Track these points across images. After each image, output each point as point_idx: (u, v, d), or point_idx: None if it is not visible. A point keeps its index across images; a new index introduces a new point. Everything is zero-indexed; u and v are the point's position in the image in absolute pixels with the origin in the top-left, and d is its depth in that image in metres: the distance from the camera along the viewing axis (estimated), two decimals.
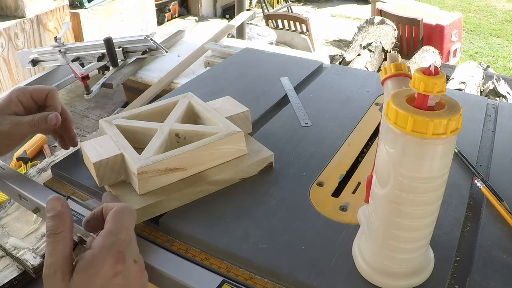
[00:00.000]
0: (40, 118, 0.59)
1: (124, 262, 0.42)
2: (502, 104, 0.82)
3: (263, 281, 0.47)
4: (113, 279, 0.41)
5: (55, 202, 0.43)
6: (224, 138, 0.58)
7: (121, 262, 0.41)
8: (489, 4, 6.12)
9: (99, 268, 0.41)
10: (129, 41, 2.07)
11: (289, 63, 0.99)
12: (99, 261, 0.41)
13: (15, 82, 2.51)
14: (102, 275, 0.41)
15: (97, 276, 0.40)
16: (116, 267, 0.41)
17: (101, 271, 0.41)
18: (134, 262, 0.43)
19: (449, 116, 0.35)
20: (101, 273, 0.41)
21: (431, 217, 0.41)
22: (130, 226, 0.44)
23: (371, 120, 0.75)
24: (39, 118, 0.59)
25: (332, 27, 5.11)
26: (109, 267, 0.41)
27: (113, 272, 0.41)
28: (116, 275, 0.41)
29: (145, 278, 0.45)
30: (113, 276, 0.41)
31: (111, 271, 0.41)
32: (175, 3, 4.78)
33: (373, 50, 2.62)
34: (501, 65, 4.27)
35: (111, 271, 0.41)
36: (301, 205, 0.55)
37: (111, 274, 0.41)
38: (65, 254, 0.41)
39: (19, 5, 2.56)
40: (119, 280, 0.41)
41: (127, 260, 0.42)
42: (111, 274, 0.41)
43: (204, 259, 0.49)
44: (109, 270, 0.41)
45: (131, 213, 0.45)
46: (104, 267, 0.41)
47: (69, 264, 0.41)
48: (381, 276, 0.43)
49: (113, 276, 0.41)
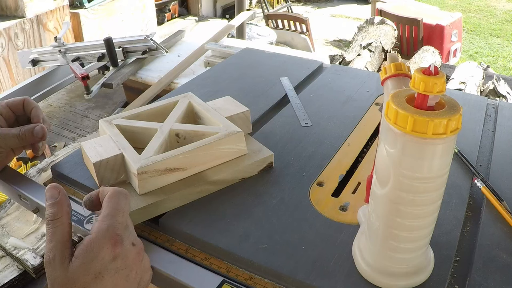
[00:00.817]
0: (27, 130, 0.59)
1: (122, 244, 0.42)
2: (502, 104, 0.82)
3: (263, 281, 0.47)
4: (112, 263, 0.41)
5: (53, 190, 0.44)
6: (224, 138, 0.58)
7: (119, 245, 0.42)
8: (489, 4, 6.12)
9: (97, 252, 0.41)
10: (129, 41, 2.07)
11: (289, 63, 0.99)
12: (96, 245, 0.41)
13: (15, 82, 2.51)
14: (100, 258, 0.41)
15: (95, 259, 0.41)
16: (114, 250, 0.41)
17: (99, 255, 0.41)
18: (132, 245, 0.43)
19: (449, 116, 0.35)
20: (99, 256, 0.41)
21: (431, 217, 0.41)
22: (126, 209, 0.44)
23: (371, 120, 0.75)
24: (25, 131, 0.59)
25: (332, 27, 5.11)
26: (107, 250, 0.41)
27: (112, 256, 0.41)
28: (114, 258, 0.41)
29: (146, 261, 0.45)
30: (112, 260, 0.41)
31: (109, 255, 0.41)
32: (175, 3, 4.78)
33: (373, 50, 2.62)
34: (501, 65, 4.27)
35: (109, 254, 0.41)
36: (301, 205, 0.55)
37: (110, 257, 0.41)
38: (64, 239, 0.42)
39: (19, 5, 2.56)
40: (118, 263, 0.41)
41: (125, 243, 0.42)
42: (110, 257, 0.41)
43: (204, 259, 0.49)
44: (107, 254, 0.41)
45: (126, 196, 0.45)
46: (102, 250, 0.41)
47: (68, 249, 0.41)
48: (381, 276, 0.43)
49: (111, 259, 0.41)
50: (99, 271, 0.41)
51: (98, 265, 0.41)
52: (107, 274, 0.41)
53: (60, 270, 0.40)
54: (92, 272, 0.40)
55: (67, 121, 2.43)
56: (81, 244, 0.41)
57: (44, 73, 2.05)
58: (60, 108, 2.57)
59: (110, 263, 0.41)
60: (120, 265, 0.42)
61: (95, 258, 0.41)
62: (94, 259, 0.41)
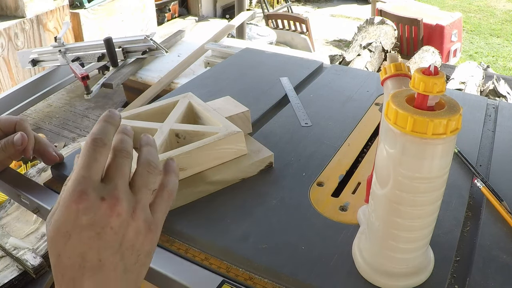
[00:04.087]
0: (7, 141, 0.58)
1: (88, 199, 0.37)
2: (502, 104, 0.82)
3: (263, 281, 0.47)
4: (77, 220, 0.37)
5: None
6: (224, 138, 0.58)
7: (83, 200, 0.37)
8: (489, 4, 6.12)
9: (63, 209, 0.37)
10: (129, 41, 2.07)
11: (289, 63, 0.99)
12: (62, 202, 0.38)
13: (15, 82, 2.51)
14: (66, 215, 0.37)
15: (62, 217, 0.37)
16: (77, 206, 0.37)
17: (64, 212, 0.37)
18: (102, 199, 0.37)
19: (449, 116, 0.35)
20: (65, 214, 0.37)
21: (431, 217, 0.41)
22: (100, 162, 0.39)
23: (371, 120, 0.75)
24: (5, 142, 0.58)
25: (332, 27, 5.11)
26: (71, 207, 0.37)
27: (75, 212, 0.37)
28: (78, 214, 0.37)
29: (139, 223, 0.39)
30: (76, 216, 0.37)
31: (73, 211, 0.37)
32: (175, 3, 4.78)
33: (373, 50, 2.62)
34: (501, 65, 4.27)
35: (73, 211, 0.37)
36: (301, 205, 0.55)
37: (74, 215, 0.37)
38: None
39: (19, 5, 2.56)
40: (83, 219, 0.37)
41: (91, 197, 0.37)
42: (74, 215, 0.37)
43: (204, 259, 0.49)
44: (72, 210, 0.37)
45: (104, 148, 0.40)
46: (67, 208, 0.37)
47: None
48: (381, 276, 0.43)
49: (75, 216, 0.37)
50: (66, 229, 0.37)
51: (66, 223, 0.37)
52: (74, 232, 0.37)
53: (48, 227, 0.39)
54: (63, 230, 0.37)
55: (67, 121, 2.43)
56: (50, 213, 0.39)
57: (44, 73, 2.05)
58: (60, 108, 2.57)
59: (75, 221, 0.37)
60: (85, 221, 0.37)
61: (62, 216, 0.37)
62: (61, 217, 0.37)
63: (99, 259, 0.37)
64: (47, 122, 2.41)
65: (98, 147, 0.39)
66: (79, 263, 0.37)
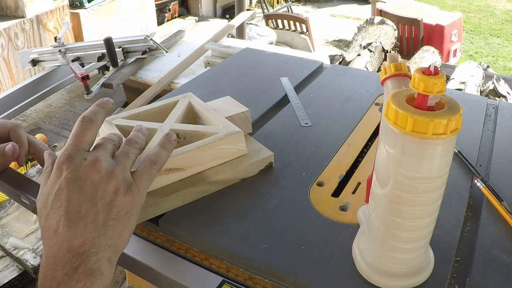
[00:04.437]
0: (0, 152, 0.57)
1: (72, 160, 0.41)
2: (502, 104, 0.82)
3: (263, 281, 0.47)
4: (62, 177, 0.41)
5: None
6: (224, 138, 0.58)
7: (69, 161, 0.41)
8: (489, 4, 6.12)
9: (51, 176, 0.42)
10: (129, 41, 2.07)
11: (289, 63, 0.99)
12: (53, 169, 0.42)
13: (15, 82, 2.51)
14: (54, 178, 0.41)
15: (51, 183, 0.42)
16: (63, 166, 0.41)
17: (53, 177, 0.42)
18: (84, 159, 0.42)
19: (449, 116, 0.35)
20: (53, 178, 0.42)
21: (431, 217, 0.41)
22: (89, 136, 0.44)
23: (371, 120, 0.75)
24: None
25: (332, 27, 5.11)
26: (59, 169, 0.41)
27: (61, 171, 0.41)
28: (63, 173, 0.41)
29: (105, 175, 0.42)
30: (61, 174, 0.41)
31: (60, 171, 0.41)
32: (175, 3, 4.78)
33: (373, 50, 2.62)
34: (501, 65, 4.27)
35: (60, 171, 0.41)
36: (301, 205, 0.55)
37: (60, 173, 0.41)
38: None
39: (19, 5, 2.56)
40: (68, 176, 0.41)
41: (75, 158, 0.41)
42: (60, 173, 0.41)
43: (204, 259, 0.49)
44: (59, 171, 0.41)
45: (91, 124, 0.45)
46: (55, 171, 0.42)
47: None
48: (381, 276, 0.43)
49: (61, 174, 0.41)
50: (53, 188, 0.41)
51: (53, 182, 0.41)
52: (59, 188, 0.41)
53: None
54: (51, 190, 0.41)
55: (67, 121, 2.43)
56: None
57: (44, 73, 2.05)
58: (60, 108, 2.57)
59: (61, 177, 0.41)
60: (69, 177, 0.40)
61: (51, 178, 0.42)
62: (51, 179, 0.42)
63: (79, 211, 0.40)
64: (47, 122, 2.41)
65: (85, 122, 0.44)
66: (61, 215, 0.40)
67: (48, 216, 0.40)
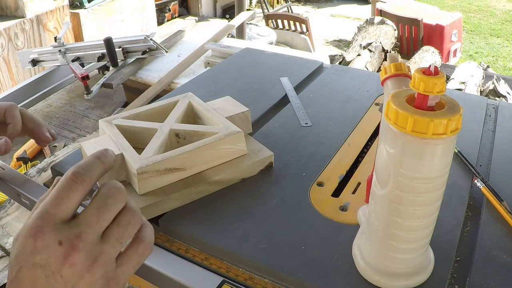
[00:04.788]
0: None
1: (44, 238, 0.34)
2: (502, 104, 0.82)
3: (263, 281, 0.47)
4: (30, 256, 0.34)
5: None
6: (224, 138, 0.58)
7: (39, 238, 0.34)
8: (489, 4, 6.12)
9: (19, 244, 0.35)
10: (129, 41, 2.07)
11: (289, 63, 0.99)
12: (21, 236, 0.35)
13: (15, 82, 2.51)
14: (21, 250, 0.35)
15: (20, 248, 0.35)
16: (34, 242, 0.34)
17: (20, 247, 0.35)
18: (59, 243, 0.34)
19: (449, 116, 0.35)
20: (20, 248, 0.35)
21: (431, 217, 0.41)
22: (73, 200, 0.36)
23: (371, 120, 0.75)
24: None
25: (332, 27, 5.11)
26: (28, 242, 0.34)
27: (31, 247, 0.34)
28: (32, 252, 0.34)
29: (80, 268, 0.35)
30: (30, 252, 0.34)
31: (29, 246, 0.34)
32: (175, 3, 4.78)
33: (373, 50, 2.62)
34: (501, 65, 4.27)
35: (30, 246, 0.34)
36: (301, 205, 0.55)
37: (29, 249, 0.34)
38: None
39: (19, 5, 2.56)
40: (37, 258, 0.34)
41: (48, 237, 0.34)
42: (29, 249, 0.34)
43: (204, 259, 0.49)
44: (28, 245, 0.35)
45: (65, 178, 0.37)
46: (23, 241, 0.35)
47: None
48: (381, 276, 0.43)
49: (30, 252, 0.34)
50: (19, 260, 0.35)
51: (20, 254, 0.35)
52: (24, 266, 0.35)
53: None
54: (17, 259, 0.35)
55: (67, 121, 2.43)
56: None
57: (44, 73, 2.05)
58: (60, 108, 2.56)
59: (28, 255, 0.35)
60: (37, 261, 0.34)
61: (19, 246, 0.35)
62: (19, 246, 0.35)
63: None
64: (47, 122, 2.39)
65: (75, 183, 0.37)
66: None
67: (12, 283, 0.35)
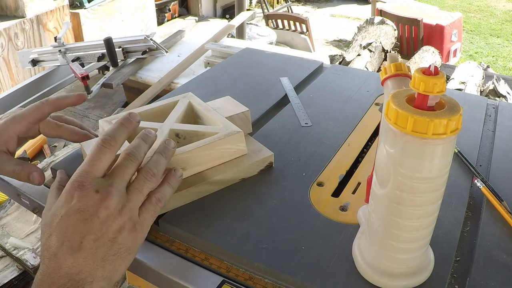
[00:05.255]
0: (24, 174, 0.55)
1: (84, 189, 0.41)
2: (502, 104, 0.82)
3: (263, 281, 0.47)
4: (70, 205, 0.41)
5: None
6: (224, 138, 0.58)
7: (80, 190, 0.41)
8: (489, 4, 6.12)
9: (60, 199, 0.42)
10: (129, 41, 2.07)
11: (289, 63, 0.99)
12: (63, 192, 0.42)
13: (15, 82, 2.51)
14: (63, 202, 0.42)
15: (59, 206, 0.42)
16: (74, 194, 0.41)
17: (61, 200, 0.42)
18: (96, 191, 0.42)
19: (449, 116, 0.35)
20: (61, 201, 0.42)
21: (431, 217, 0.41)
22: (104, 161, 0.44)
23: (371, 120, 0.75)
24: (21, 172, 0.55)
25: (332, 27, 5.11)
26: (69, 195, 0.42)
27: (71, 199, 0.41)
28: (72, 201, 0.41)
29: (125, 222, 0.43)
30: (70, 202, 0.41)
31: (69, 198, 0.42)
32: (175, 3, 4.78)
33: (373, 50, 2.62)
34: (501, 65, 4.27)
35: (70, 198, 0.42)
36: (301, 205, 0.55)
37: (69, 200, 0.41)
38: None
39: (19, 5, 2.56)
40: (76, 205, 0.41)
41: (87, 188, 0.42)
42: (69, 200, 0.41)
43: (204, 259, 0.49)
44: (68, 197, 0.42)
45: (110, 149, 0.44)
46: (65, 195, 0.42)
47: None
48: (381, 276, 0.43)
49: (70, 202, 0.41)
50: (60, 211, 0.41)
51: (61, 206, 0.42)
52: (65, 214, 0.41)
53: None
54: (57, 212, 0.42)
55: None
56: None
57: (44, 73, 2.05)
58: None
59: (69, 204, 0.41)
60: (77, 207, 0.41)
61: (60, 201, 0.42)
62: (59, 201, 0.42)
63: (80, 241, 0.40)
64: None
65: (104, 147, 0.44)
66: (63, 241, 0.40)
67: (51, 237, 0.41)
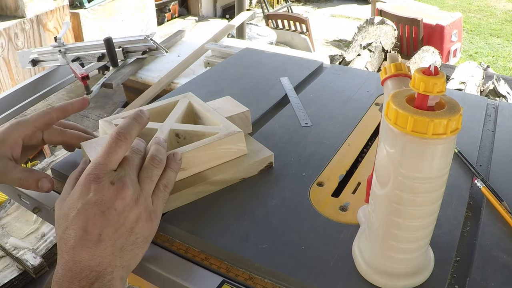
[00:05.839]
0: (32, 181, 0.53)
1: (100, 182, 0.42)
2: (502, 104, 0.82)
3: (263, 281, 0.47)
4: (87, 198, 0.41)
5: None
6: (224, 138, 0.58)
7: (96, 182, 0.42)
8: (489, 4, 6.12)
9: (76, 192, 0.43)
10: (129, 41, 2.07)
11: (289, 63, 0.99)
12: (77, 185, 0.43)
13: (15, 82, 2.51)
14: (79, 196, 0.42)
15: (75, 199, 0.42)
16: (90, 187, 0.42)
17: (77, 193, 0.42)
18: (111, 183, 0.42)
19: (449, 116, 0.35)
20: (77, 194, 0.42)
21: (431, 217, 0.41)
22: (118, 153, 0.44)
23: (371, 120, 0.75)
24: (29, 179, 0.53)
25: (332, 27, 5.11)
26: (85, 188, 0.42)
27: (87, 191, 0.42)
28: (89, 194, 0.42)
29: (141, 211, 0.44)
30: (87, 195, 0.42)
31: (86, 191, 0.42)
32: (175, 3, 4.78)
33: (373, 50, 2.62)
34: (501, 65, 4.27)
35: (86, 191, 0.42)
36: (301, 205, 0.55)
37: (86, 193, 0.42)
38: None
39: (19, 5, 2.56)
40: (93, 198, 0.41)
41: (103, 180, 0.42)
42: (86, 193, 0.42)
43: (204, 259, 0.49)
44: (85, 190, 0.42)
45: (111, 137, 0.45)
46: (81, 188, 0.42)
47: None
48: (381, 276, 0.43)
49: (86, 195, 0.42)
50: (76, 205, 0.42)
51: (77, 199, 0.42)
52: (82, 207, 0.41)
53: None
54: (73, 206, 0.42)
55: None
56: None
57: (44, 73, 2.05)
58: None
59: (85, 198, 0.42)
60: (94, 200, 0.41)
61: (75, 194, 0.42)
62: (75, 194, 0.42)
63: (99, 234, 0.41)
64: None
65: (119, 140, 0.45)
66: (81, 235, 0.40)
67: (67, 230, 0.41)
